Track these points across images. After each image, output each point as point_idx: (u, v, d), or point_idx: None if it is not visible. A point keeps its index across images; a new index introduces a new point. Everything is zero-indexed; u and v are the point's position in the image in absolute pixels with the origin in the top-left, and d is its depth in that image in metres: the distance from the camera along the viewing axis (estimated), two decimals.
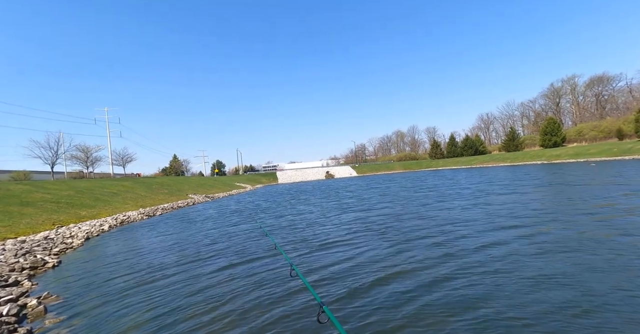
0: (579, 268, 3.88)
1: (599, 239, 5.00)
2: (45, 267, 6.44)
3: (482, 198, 11.38)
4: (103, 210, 16.04)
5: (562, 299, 3.12)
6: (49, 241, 8.84)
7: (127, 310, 3.87)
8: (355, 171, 78.88)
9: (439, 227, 7.04)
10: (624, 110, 60.89)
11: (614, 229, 5.52)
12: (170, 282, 4.88)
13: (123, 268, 6.03)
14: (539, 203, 9.18)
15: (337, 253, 5.71)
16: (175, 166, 76.04)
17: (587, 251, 4.48)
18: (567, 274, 3.71)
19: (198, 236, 8.98)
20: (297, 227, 9.02)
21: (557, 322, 2.74)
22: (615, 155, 38.77)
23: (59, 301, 4.44)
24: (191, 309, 3.72)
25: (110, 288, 4.83)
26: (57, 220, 12.20)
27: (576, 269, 3.87)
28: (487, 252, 4.87)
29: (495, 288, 3.52)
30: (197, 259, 6.28)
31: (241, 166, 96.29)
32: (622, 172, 16.93)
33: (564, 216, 7.00)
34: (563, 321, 2.74)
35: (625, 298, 3.06)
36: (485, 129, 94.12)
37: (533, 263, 4.19)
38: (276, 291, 4.04)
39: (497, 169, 37.09)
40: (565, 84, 72.34)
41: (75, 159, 38.28)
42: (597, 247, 4.61)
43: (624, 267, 3.81)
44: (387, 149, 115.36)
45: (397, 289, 3.75)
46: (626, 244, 4.65)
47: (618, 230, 5.45)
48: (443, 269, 4.30)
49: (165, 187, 30.52)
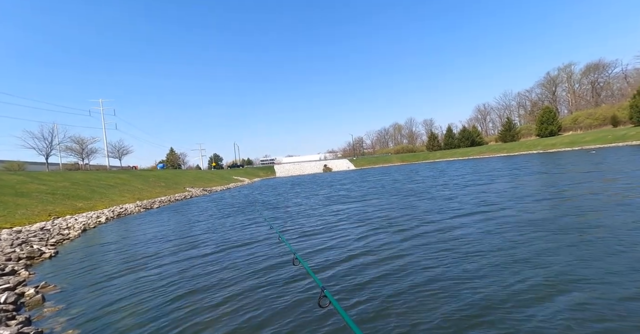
0: (509, 244, 4.49)
1: (536, 222, 5.51)
2: (42, 257, 6.36)
3: (463, 190, 11.38)
4: (99, 202, 15.89)
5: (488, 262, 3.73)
6: (45, 232, 8.73)
7: (126, 300, 3.80)
8: (353, 164, 78.92)
9: (415, 216, 7.29)
10: (619, 97, 61.12)
11: (559, 211, 6.09)
12: (167, 271, 4.82)
13: (121, 259, 5.96)
14: (504, 192, 9.46)
15: (320, 238, 6.01)
16: (172, 159, 75.45)
17: (518, 231, 5.09)
18: (496, 248, 4.39)
19: (194, 228, 8.93)
20: (291, 216, 9.02)
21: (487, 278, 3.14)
22: (610, 142, 39.07)
23: (57, 291, 4.37)
24: (191, 297, 3.66)
25: (109, 278, 4.76)
26: (53, 211, 12.05)
27: (507, 244, 4.54)
28: (448, 234, 5.39)
29: (450, 260, 4.11)
30: (193, 248, 6.27)
31: (239, 160, 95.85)
32: (610, 160, 17.03)
33: (520, 204, 7.33)
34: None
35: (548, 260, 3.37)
36: (482, 120, 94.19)
37: (474, 241, 4.80)
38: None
39: (491, 160, 37.16)
40: (562, 72, 72.19)
41: (70, 151, 37.83)
42: (529, 228, 5.16)
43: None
44: (384, 141, 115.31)
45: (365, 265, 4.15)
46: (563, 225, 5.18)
47: (564, 213, 5.95)
48: (404, 250, 4.69)
49: (162, 181, 30.30)
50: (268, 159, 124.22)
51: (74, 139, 37.48)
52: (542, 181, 11.36)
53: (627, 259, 3.48)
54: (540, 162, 21.83)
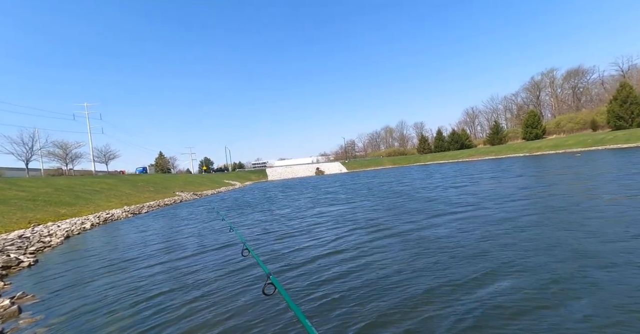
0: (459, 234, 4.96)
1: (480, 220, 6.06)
2: (20, 266, 6.06)
3: (443, 192, 11.58)
4: (85, 208, 15.38)
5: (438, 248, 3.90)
6: (25, 240, 8.36)
7: (107, 308, 3.65)
8: (345, 167, 79.15)
9: (394, 216, 7.64)
10: (597, 102, 63.48)
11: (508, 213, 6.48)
12: (150, 277, 4.69)
13: (103, 266, 5.74)
14: (478, 194, 9.80)
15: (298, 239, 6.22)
16: (161, 163, 74.05)
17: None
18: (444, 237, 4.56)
19: (181, 233, 8.73)
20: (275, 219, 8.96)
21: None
22: (590, 145, 40.43)
23: (35, 301, 4.17)
24: (170, 305, 3.55)
25: (90, 287, 4.58)
26: (34, 218, 11.59)
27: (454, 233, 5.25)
28: (418, 233, 5.70)
29: (406, 251, 4.67)
30: (170, 252, 6.21)
31: (230, 164, 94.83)
32: (599, 163, 17.60)
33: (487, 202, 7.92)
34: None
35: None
36: (470, 123, 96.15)
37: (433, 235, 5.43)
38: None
39: (479, 163, 37.87)
40: (545, 77, 74.55)
41: (53, 156, 36.51)
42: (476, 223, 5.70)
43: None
44: (376, 144, 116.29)
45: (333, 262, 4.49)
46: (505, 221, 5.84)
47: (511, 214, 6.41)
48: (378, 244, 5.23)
49: (151, 185, 29.64)
50: (260, 162, 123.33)
51: (57, 143, 36.24)
52: (532, 181, 11.66)
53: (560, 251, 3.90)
54: (533, 165, 22.34)
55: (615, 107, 44.08)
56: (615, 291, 2.76)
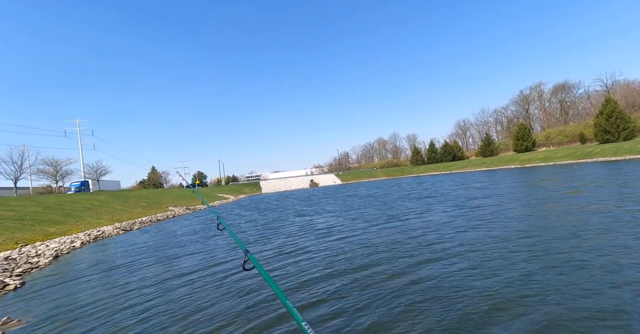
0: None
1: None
2: (6, 289, 5.90)
3: (429, 206, 11.78)
4: (74, 226, 15.04)
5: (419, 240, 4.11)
6: (11, 262, 8.13)
7: (97, 329, 3.60)
8: (339, 179, 79.24)
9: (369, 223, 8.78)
10: (584, 115, 65.67)
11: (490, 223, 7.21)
12: (146, 303, 4.61)
13: (93, 288, 5.63)
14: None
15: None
16: (154, 178, 73.25)
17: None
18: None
19: (174, 250, 8.61)
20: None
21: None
22: (579, 158, 41.39)
23: (21, 326, 4.06)
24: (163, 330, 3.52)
25: (79, 310, 4.48)
26: (21, 238, 11.29)
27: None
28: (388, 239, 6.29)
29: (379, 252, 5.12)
30: (173, 274, 6.02)
31: (223, 177, 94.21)
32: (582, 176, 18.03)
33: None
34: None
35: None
36: (462, 135, 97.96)
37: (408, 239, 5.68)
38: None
39: (472, 175, 38.34)
40: (533, 91, 77.16)
41: (42, 174, 35.92)
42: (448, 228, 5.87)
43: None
44: (369, 156, 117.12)
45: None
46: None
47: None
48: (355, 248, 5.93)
49: (143, 200, 29.20)
50: (254, 175, 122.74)
51: (47, 161, 35.77)
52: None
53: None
54: (515, 179, 22.64)
55: (602, 121, 45.59)
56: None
